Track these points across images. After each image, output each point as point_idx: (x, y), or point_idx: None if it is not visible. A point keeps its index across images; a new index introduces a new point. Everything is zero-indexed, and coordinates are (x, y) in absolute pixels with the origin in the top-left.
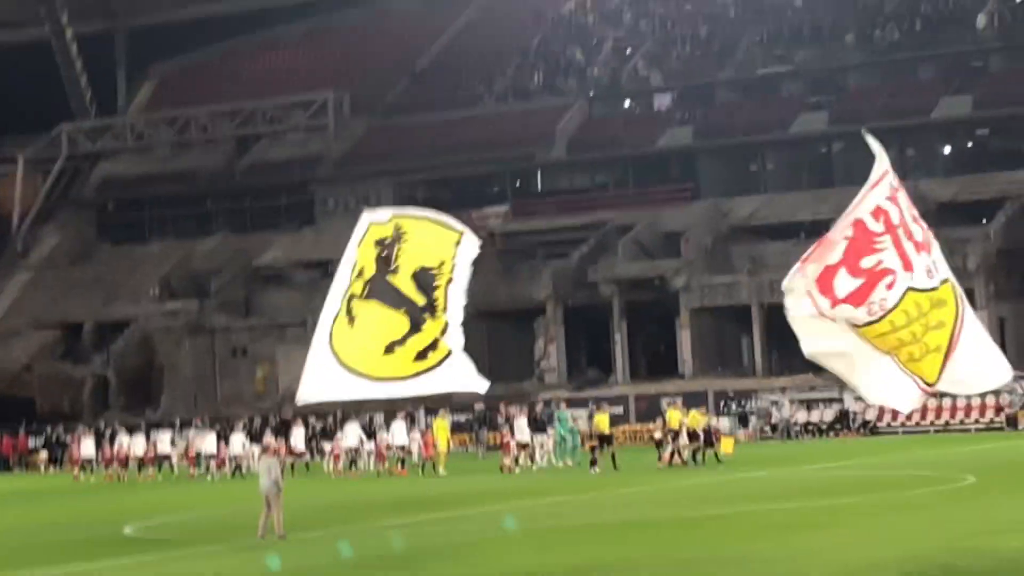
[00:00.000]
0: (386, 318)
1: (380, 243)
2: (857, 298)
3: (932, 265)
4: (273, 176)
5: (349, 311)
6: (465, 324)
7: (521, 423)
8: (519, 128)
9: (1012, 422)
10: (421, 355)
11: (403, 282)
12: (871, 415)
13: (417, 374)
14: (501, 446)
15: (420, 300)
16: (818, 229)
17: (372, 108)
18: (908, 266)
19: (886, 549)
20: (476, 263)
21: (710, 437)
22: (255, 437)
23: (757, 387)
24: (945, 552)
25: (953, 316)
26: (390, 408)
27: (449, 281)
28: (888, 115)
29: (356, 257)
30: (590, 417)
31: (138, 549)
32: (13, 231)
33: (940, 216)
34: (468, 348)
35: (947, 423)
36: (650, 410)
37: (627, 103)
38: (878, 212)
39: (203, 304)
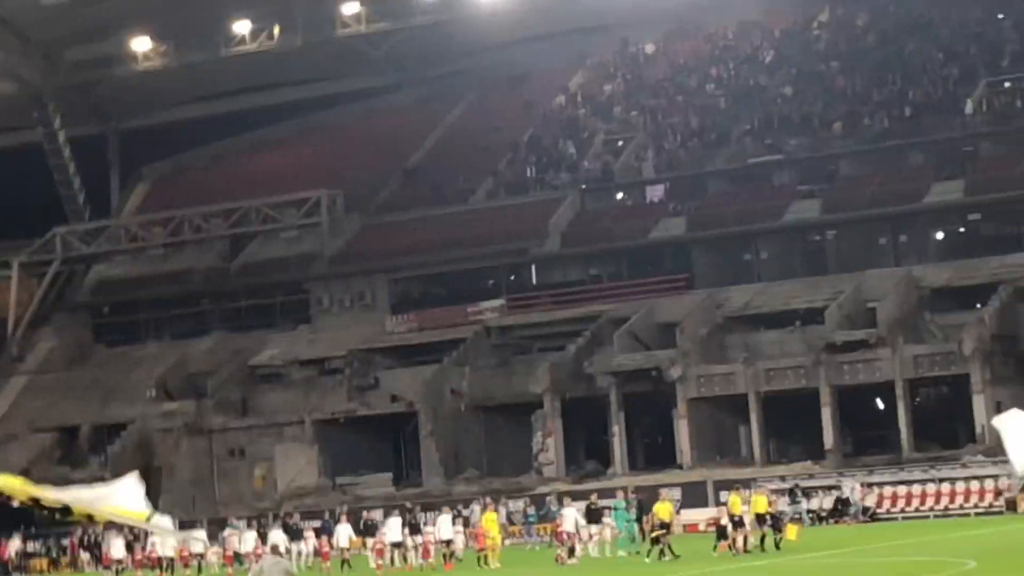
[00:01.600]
0: None
1: None
2: None
3: None
4: (267, 275)
5: None
6: (462, 419)
7: (569, 512)
8: (512, 222)
9: (1012, 506)
10: None
11: None
12: (870, 502)
13: None
14: (554, 535)
15: None
16: (812, 316)
17: (365, 206)
18: None
19: None
20: (472, 358)
21: (777, 523)
22: (293, 535)
23: (756, 476)
24: None
25: None
26: (432, 503)
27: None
28: (880, 202)
29: None
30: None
31: None
32: (8, 336)
33: (934, 302)
34: (467, 443)
35: (946, 508)
36: (650, 501)
37: (620, 195)
38: None
39: (200, 404)
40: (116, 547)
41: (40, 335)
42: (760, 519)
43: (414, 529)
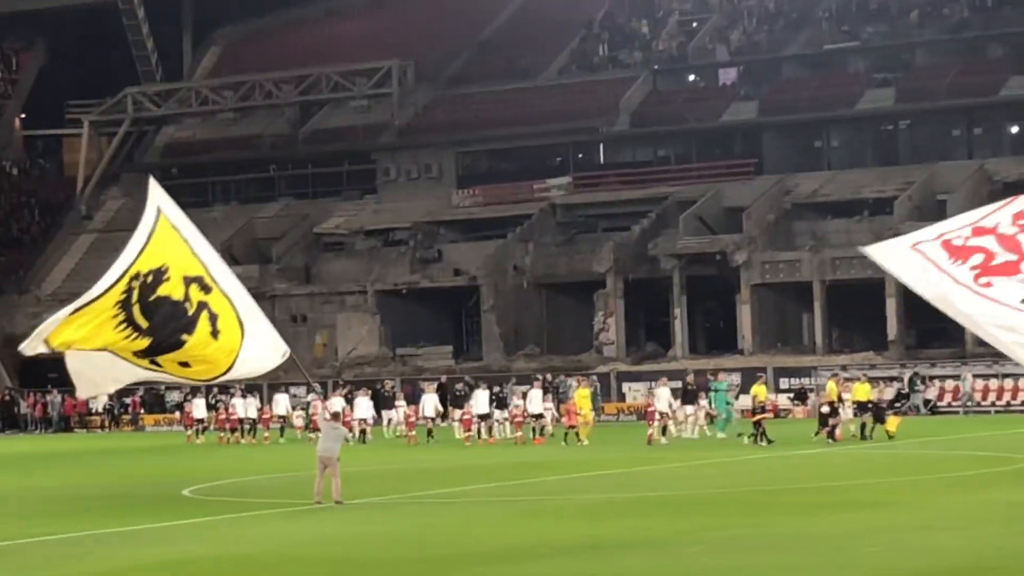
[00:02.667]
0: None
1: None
2: None
3: None
4: (336, 143)
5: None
6: (524, 295)
7: (662, 392)
8: (582, 100)
9: None
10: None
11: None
12: (931, 394)
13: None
14: (646, 416)
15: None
16: (882, 207)
17: (436, 78)
18: None
19: (942, 530)
20: (537, 235)
21: (881, 412)
22: (385, 403)
23: (817, 364)
24: (1002, 534)
25: None
26: (523, 376)
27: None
28: (955, 93)
29: (148, 247)
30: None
31: (194, 511)
32: (78, 194)
33: (1007, 195)
34: (528, 320)
35: (1008, 404)
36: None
37: (692, 77)
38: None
39: (264, 269)
40: (198, 407)
41: (109, 194)
42: (861, 407)
43: (501, 403)
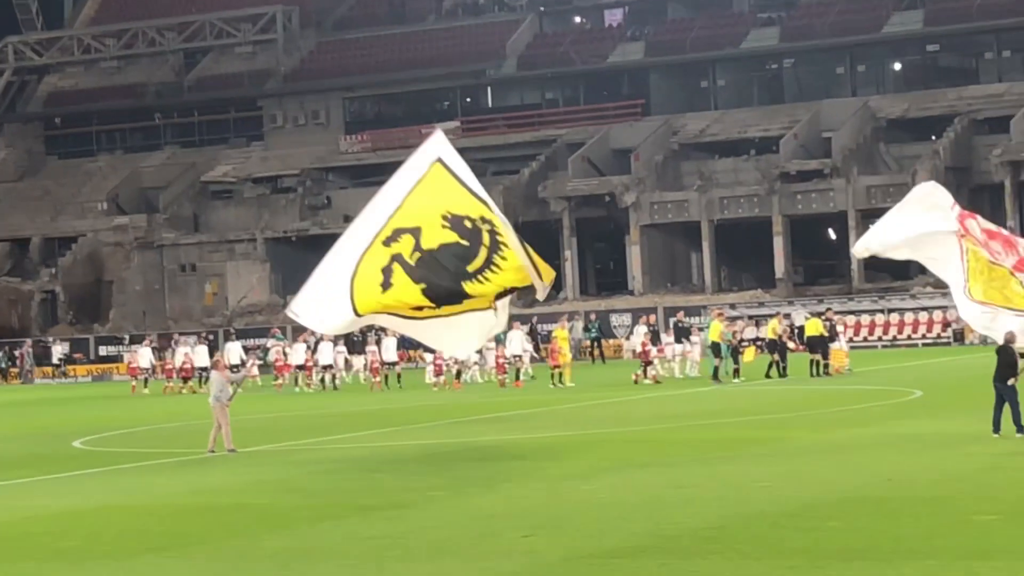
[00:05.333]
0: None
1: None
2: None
3: None
4: (221, 90)
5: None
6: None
7: (639, 330)
8: (469, 44)
9: (959, 337)
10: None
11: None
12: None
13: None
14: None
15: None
16: (768, 145)
17: (321, 23)
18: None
19: (832, 463)
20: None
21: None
22: (353, 348)
23: (707, 303)
24: (890, 462)
25: None
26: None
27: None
28: (839, 31)
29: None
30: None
31: (84, 462)
32: None
33: (889, 133)
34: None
35: (895, 338)
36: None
37: (578, 19)
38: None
39: (151, 219)
40: (143, 356)
41: None
42: (771, 345)
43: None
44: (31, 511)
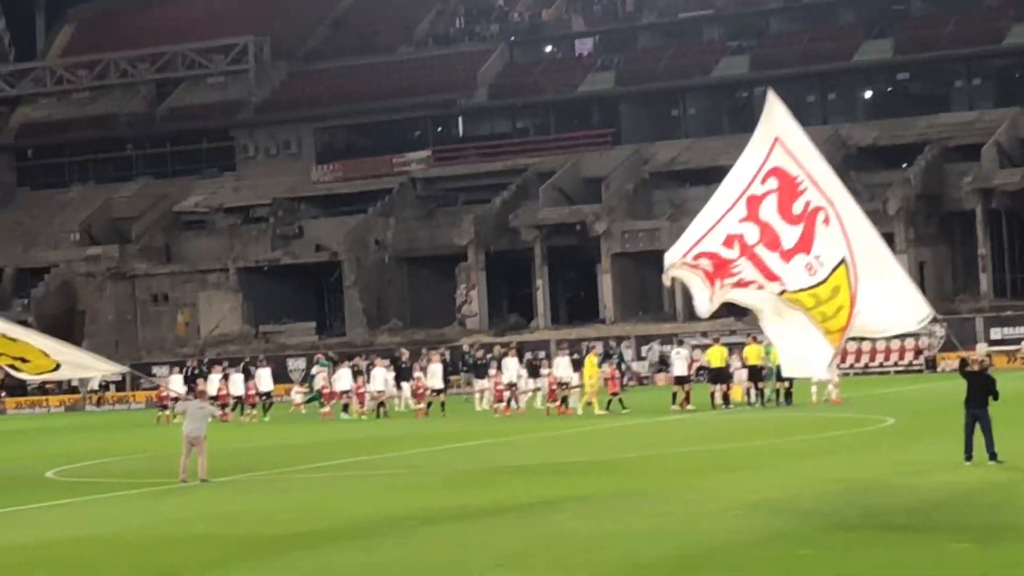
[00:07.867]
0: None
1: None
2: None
3: (814, 261)
4: (193, 121)
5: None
6: (386, 269)
7: (509, 363)
8: (440, 73)
9: (931, 364)
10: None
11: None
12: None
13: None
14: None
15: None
16: None
17: (292, 53)
18: (771, 277)
19: (805, 488)
20: (397, 209)
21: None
22: (401, 375)
23: (678, 331)
24: (863, 491)
25: (848, 299)
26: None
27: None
28: (809, 59)
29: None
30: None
31: (58, 492)
32: None
33: (860, 160)
34: (390, 295)
35: (867, 365)
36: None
37: (548, 48)
38: (730, 240)
39: (124, 249)
40: (174, 383)
41: None
42: (753, 372)
43: (534, 371)
44: (3, 542)
